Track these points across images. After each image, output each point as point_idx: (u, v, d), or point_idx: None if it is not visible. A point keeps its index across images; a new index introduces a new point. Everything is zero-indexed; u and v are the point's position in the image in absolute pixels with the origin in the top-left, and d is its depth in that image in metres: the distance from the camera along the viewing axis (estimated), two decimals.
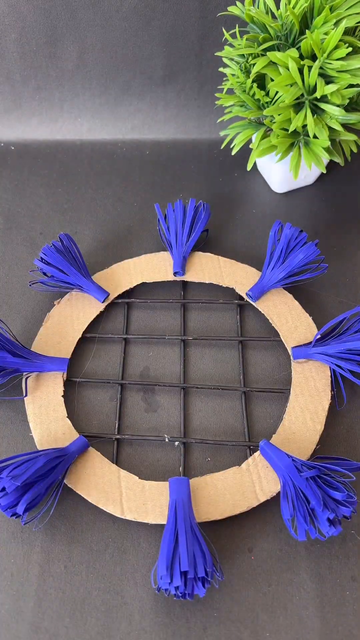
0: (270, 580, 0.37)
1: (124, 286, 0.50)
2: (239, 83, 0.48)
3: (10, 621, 0.36)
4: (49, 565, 0.38)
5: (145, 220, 0.58)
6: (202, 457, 0.43)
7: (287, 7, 0.43)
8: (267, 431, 0.44)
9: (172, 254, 0.51)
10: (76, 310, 0.49)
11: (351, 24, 0.42)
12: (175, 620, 0.36)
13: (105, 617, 0.36)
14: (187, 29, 0.58)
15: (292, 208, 0.58)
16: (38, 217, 0.59)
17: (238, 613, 0.36)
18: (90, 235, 0.57)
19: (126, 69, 0.62)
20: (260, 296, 0.49)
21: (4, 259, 0.55)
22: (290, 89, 0.43)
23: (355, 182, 0.60)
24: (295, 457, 0.38)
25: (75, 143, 0.66)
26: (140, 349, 0.48)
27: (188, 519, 0.36)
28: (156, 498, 0.39)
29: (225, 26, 0.57)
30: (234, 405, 0.45)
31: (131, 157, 0.64)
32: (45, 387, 0.45)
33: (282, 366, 0.47)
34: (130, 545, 0.39)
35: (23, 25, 0.58)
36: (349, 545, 0.39)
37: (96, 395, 0.46)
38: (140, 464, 0.43)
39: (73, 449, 0.40)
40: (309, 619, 0.36)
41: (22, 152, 0.65)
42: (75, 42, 0.59)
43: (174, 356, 0.48)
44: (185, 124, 0.66)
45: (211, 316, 0.50)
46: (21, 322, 0.50)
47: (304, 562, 0.38)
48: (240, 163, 0.63)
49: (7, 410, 0.45)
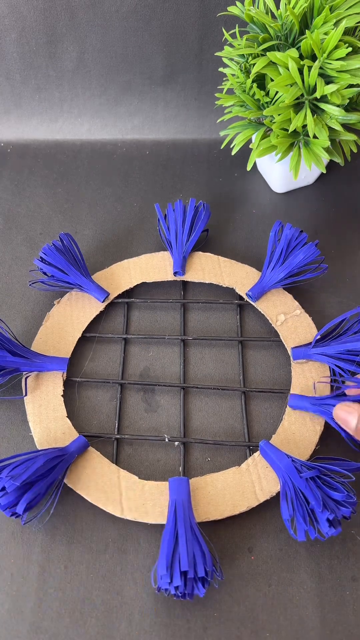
0: (270, 580, 0.37)
1: (124, 286, 0.50)
2: (239, 83, 0.48)
3: (10, 621, 0.36)
4: (49, 565, 0.38)
5: (145, 220, 0.58)
6: (202, 457, 0.43)
7: (287, 7, 0.43)
8: (266, 431, 0.44)
9: (172, 254, 0.51)
10: (76, 309, 0.49)
11: (351, 24, 0.42)
12: (175, 620, 0.36)
13: (105, 617, 0.36)
14: (187, 29, 0.58)
15: (292, 208, 0.58)
16: (38, 217, 0.59)
17: (238, 613, 0.36)
18: (90, 235, 0.57)
19: (126, 69, 0.62)
20: (260, 296, 0.49)
21: (4, 258, 0.55)
22: (290, 89, 0.43)
23: (355, 182, 0.60)
24: (294, 458, 0.38)
25: (75, 143, 0.66)
26: (140, 349, 0.48)
27: (188, 519, 0.36)
28: (156, 498, 0.39)
29: (225, 26, 0.57)
30: (234, 405, 0.45)
31: (131, 157, 0.64)
32: (45, 386, 0.45)
33: (281, 366, 0.47)
34: (130, 545, 0.39)
35: (23, 25, 0.58)
36: (349, 545, 0.39)
37: (96, 395, 0.46)
38: (140, 464, 0.42)
39: (73, 449, 0.40)
40: (309, 619, 0.36)
41: (22, 152, 0.65)
42: (75, 42, 0.59)
43: (174, 356, 0.48)
44: (185, 124, 0.66)
45: (211, 316, 0.50)
46: (21, 322, 0.50)
47: (304, 562, 0.38)
48: (240, 163, 0.63)
49: (6, 410, 0.45)
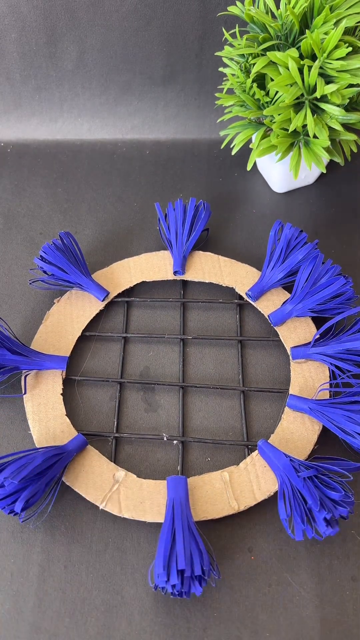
0: (270, 580, 0.37)
1: (123, 285, 0.50)
2: (239, 83, 0.48)
3: (10, 621, 0.36)
4: (49, 565, 0.38)
5: (145, 220, 0.58)
6: (200, 457, 0.43)
7: (287, 7, 0.43)
8: (265, 431, 0.44)
9: (172, 253, 0.51)
10: (76, 308, 0.49)
11: (351, 23, 0.42)
12: (175, 620, 0.36)
13: (105, 617, 0.36)
14: (187, 29, 0.58)
15: (292, 208, 0.58)
16: (38, 217, 0.59)
17: (238, 613, 0.36)
18: (90, 234, 0.57)
19: (126, 69, 0.62)
20: (260, 296, 0.49)
21: (4, 258, 0.55)
22: (290, 88, 0.43)
23: (355, 182, 0.60)
24: (293, 457, 0.38)
25: (75, 143, 0.66)
26: (139, 348, 0.48)
27: (185, 517, 0.36)
28: (154, 497, 0.39)
29: (225, 26, 0.57)
30: (233, 404, 0.45)
31: (131, 157, 0.64)
32: (45, 385, 0.45)
33: (281, 366, 0.47)
34: (130, 545, 0.39)
35: (23, 25, 0.58)
36: (349, 545, 0.38)
37: (95, 393, 0.46)
38: (139, 463, 0.42)
39: (71, 447, 0.40)
40: (309, 619, 0.36)
41: (22, 152, 0.65)
42: (75, 42, 0.59)
43: (174, 355, 0.48)
44: (185, 124, 0.66)
45: (211, 315, 0.50)
46: (21, 321, 0.50)
47: (304, 562, 0.38)
48: (240, 163, 0.63)
49: (6, 408, 0.45)
